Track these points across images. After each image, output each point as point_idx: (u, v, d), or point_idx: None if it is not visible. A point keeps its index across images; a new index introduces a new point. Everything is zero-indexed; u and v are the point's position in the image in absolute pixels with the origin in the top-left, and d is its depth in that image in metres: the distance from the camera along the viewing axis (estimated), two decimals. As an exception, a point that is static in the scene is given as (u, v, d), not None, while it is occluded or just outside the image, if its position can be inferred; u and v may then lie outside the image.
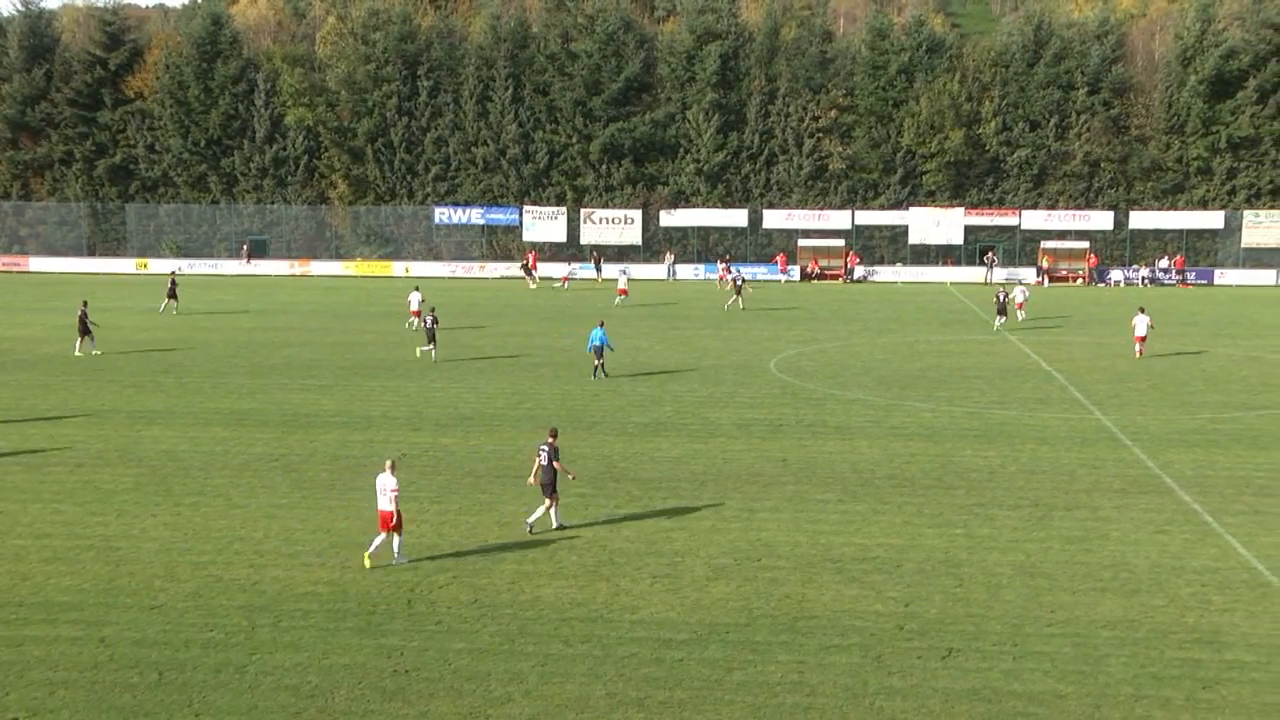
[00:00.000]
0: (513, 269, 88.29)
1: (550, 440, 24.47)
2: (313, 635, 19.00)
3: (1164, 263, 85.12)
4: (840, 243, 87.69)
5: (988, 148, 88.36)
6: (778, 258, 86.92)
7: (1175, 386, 41.34)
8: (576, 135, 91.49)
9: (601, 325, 43.59)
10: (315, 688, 17.17)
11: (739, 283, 66.68)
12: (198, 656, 18.22)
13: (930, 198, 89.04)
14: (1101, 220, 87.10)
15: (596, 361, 42.69)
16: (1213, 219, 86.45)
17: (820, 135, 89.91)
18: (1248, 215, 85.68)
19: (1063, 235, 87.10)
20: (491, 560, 22.59)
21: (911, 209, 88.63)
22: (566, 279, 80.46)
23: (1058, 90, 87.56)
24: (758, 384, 41.60)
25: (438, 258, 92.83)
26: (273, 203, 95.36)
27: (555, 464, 24.18)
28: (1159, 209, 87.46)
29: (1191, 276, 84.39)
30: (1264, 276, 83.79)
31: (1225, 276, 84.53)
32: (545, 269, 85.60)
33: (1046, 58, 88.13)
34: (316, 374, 43.20)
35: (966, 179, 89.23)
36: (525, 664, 18.01)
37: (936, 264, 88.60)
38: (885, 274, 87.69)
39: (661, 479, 28.04)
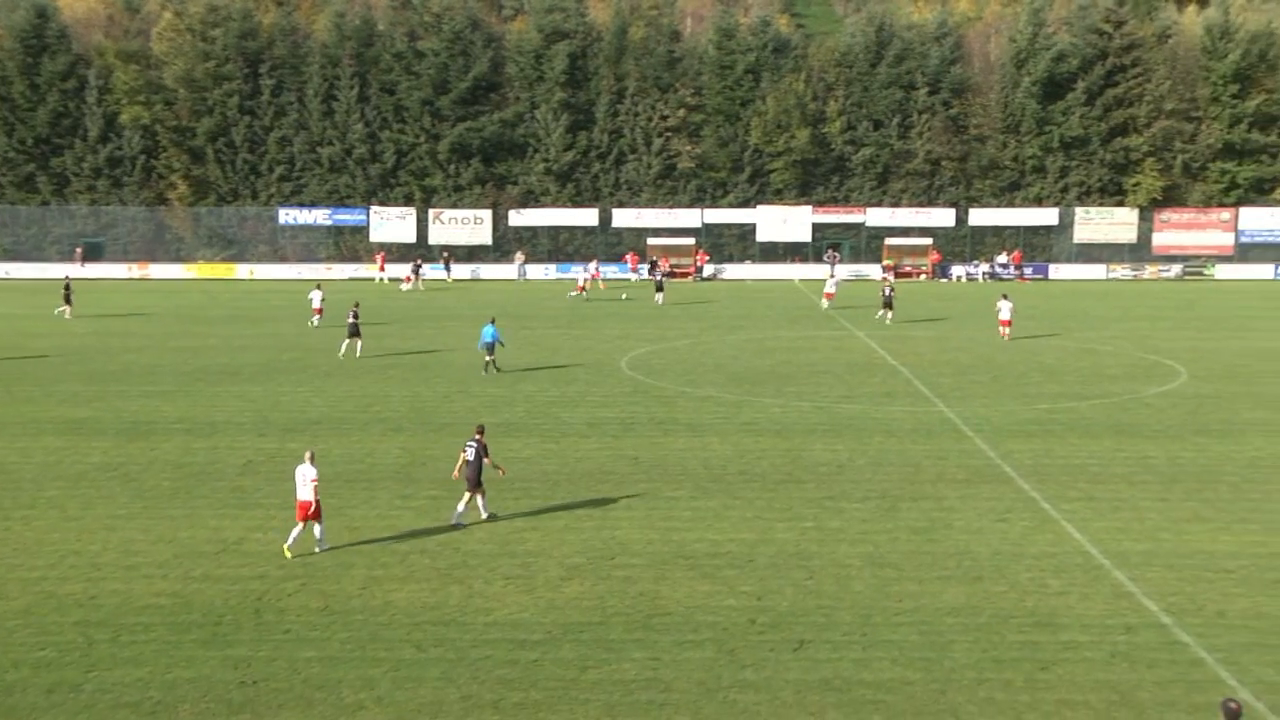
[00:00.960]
0: (361, 270, 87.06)
1: (477, 436, 24.83)
2: (154, 649, 18.43)
3: (1002, 258, 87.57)
4: (690, 241, 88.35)
5: (833, 146, 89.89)
6: (628, 256, 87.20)
7: (1014, 379, 42.54)
8: (424, 135, 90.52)
9: (493, 322, 43.86)
10: (157, 703, 16.66)
11: (660, 281, 69.46)
12: (28, 677, 17.53)
13: (778, 196, 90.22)
14: (943, 217, 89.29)
15: (488, 358, 43.12)
16: (1047, 216, 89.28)
17: (669, 134, 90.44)
18: (1079, 212, 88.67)
19: (906, 232, 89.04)
20: (341, 566, 22.20)
21: (760, 207, 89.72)
22: (410, 279, 79.25)
23: (900, 90, 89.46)
24: (609, 383, 41.67)
25: (283, 259, 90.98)
26: (108, 204, 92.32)
27: (486, 459, 24.68)
28: (997, 206, 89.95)
29: (1029, 271, 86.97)
30: (1095, 271, 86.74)
31: (1059, 271, 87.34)
32: (394, 270, 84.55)
33: (888, 58, 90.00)
34: (157, 380, 41.98)
35: (813, 177, 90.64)
36: (377, 670, 17.74)
37: (785, 261, 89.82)
38: (734, 272, 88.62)
39: (514, 479, 27.89)
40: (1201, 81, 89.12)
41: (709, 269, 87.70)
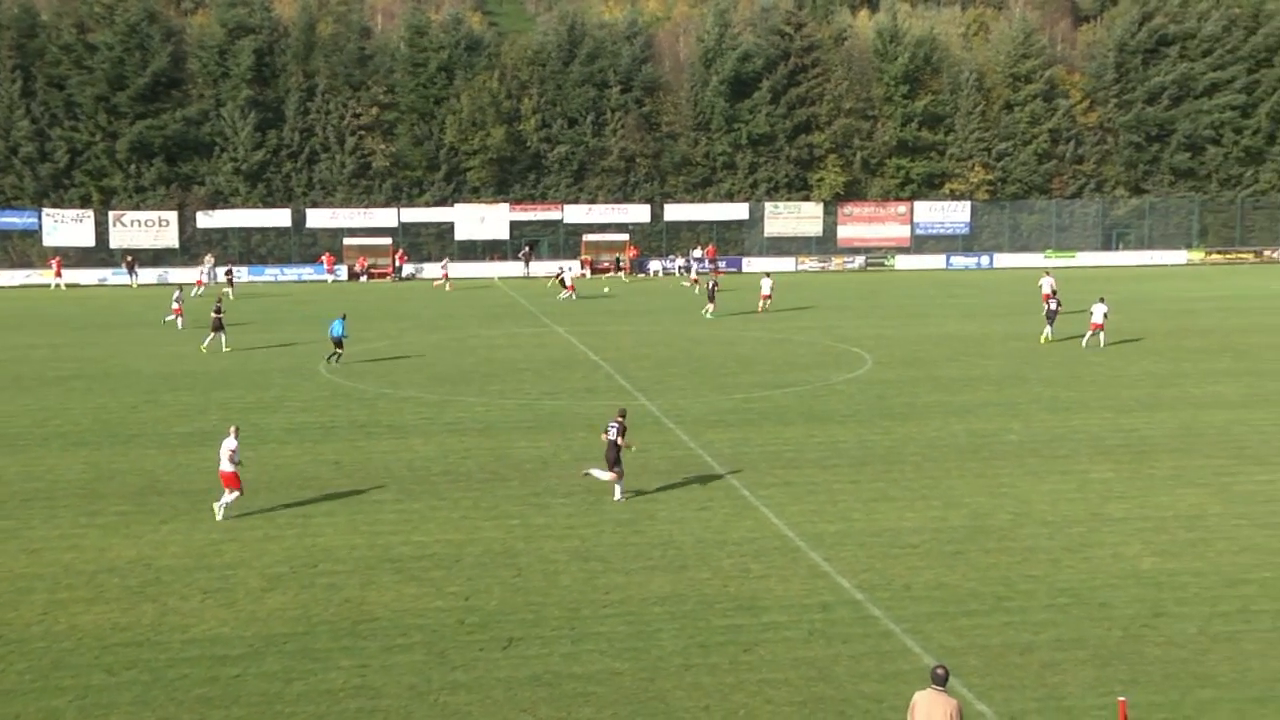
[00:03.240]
0: (34, 276, 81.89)
1: (620, 419, 26.34)
2: None
3: (697, 252, 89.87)
4: (387, 241, 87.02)
5: (529, 144, 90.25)
6: (324, 257, 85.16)
7: (712, 370, 43.73)
8: (101, 133, 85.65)
9: (343, 317, 45.53)
10: None
11: (564, 279, 69.88)
12: None
13: (475, 194, 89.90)
14: (639, 213, 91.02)
15: (336, 351, 44.79)
16: (738, 210, 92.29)
17: (363, 133, 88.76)
18: (768, 207, 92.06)
19: (604, 228, 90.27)
20: (19, 591, 20.79)
21: (457, 205, 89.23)
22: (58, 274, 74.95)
23: (593, 88, 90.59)
24: (308, 387, 40.60)
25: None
26: None
27: (619, 440, 25.91)
28: (691, 202, 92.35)
29: (723, 265, 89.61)
30: (785, 263, 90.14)
31: (752, 264, 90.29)
32: (71, 275, 79.93)
33: (581, 57, 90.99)
34: None
35: (510, 175, 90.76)
36: (62, 700, 16.68)
37: (484, 259, 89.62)
38: (433, 271, 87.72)
39: (209, 490, 26.76)
40: (876, 82, 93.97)
41: (408, 268, 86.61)
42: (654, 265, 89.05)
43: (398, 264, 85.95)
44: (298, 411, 36.35)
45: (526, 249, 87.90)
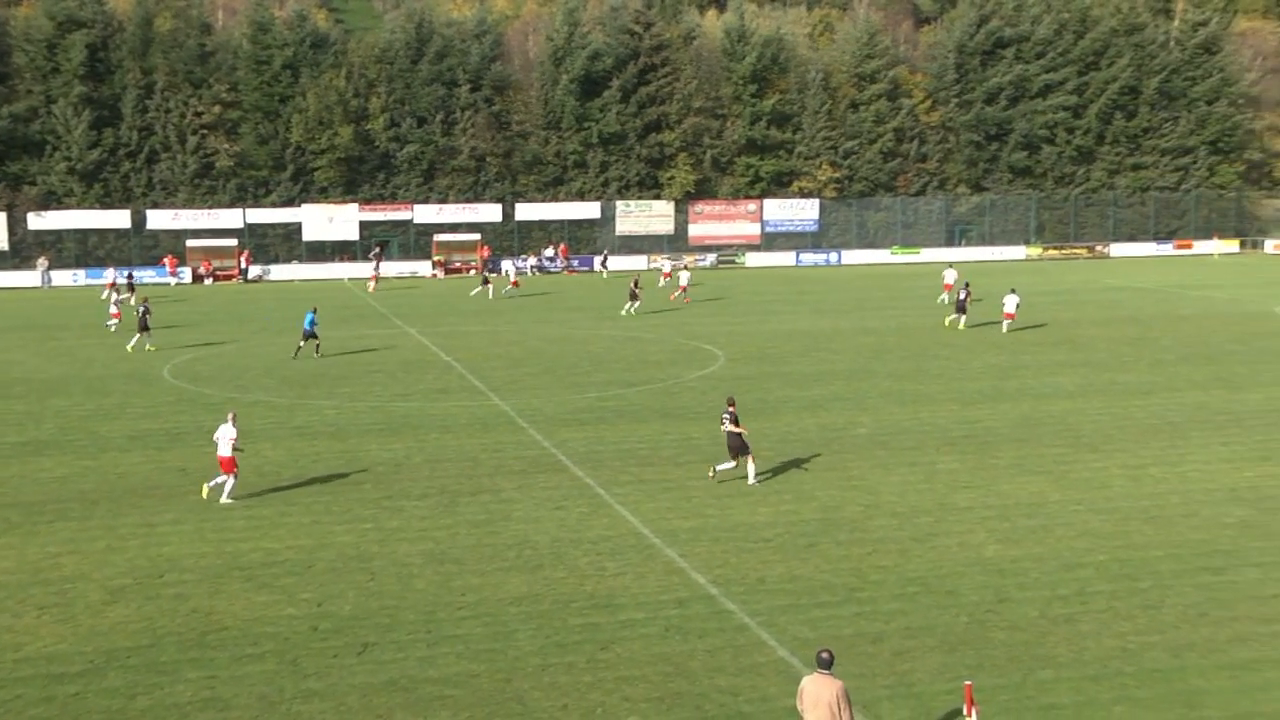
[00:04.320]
0: None
1: (730, 409, 27.27)
2: None
3: (549, 251, 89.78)
4: (233, 242, 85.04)
5: (378, 144, 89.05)
6: (166, 260, 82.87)
7: (565, 369, 43.70)
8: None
9: (314, 311, 47.37)
10: None
11: (485, 275, 71.05)
12: None
13: (323, 194, 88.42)
14: (490, 213, 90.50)
15: (305, 343, 46.32)
16: (590, 209, 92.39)
17: (205, 131, 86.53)
18: (620, 205, 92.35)
19: (455, 228, 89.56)
20: None
21: (304, 206, 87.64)
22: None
23: (442, 87, 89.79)
24: (151, 393, 39.48)
25: None
26: None
27: (735, 428, 26.97)
28: (542, 201, 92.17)
29: (575, 264, 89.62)
30: (637, 262, 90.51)
31: (614, 262, 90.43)
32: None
33: (429, 55, 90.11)
34: None
35: (359, 175, 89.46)
36: (-111, 725, 15.96)
37: (333, 260, 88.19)
38: (281, 272, 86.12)
39: (46, 501, 25.87)
40: (725, 81, 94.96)
41: (254, 270, 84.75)
42: (505, 265, 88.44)
43: (244, 266, 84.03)
44: (140, 418, 35.32)
45: (377, 250, 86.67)
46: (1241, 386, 39.00)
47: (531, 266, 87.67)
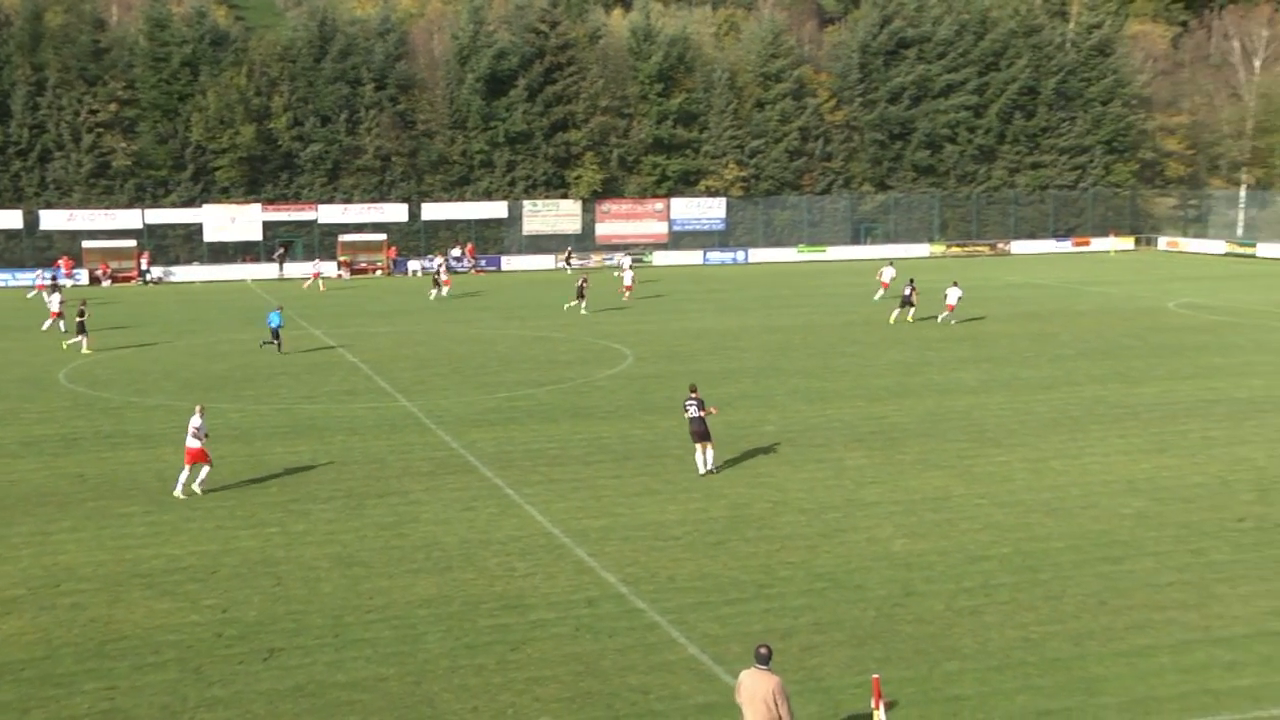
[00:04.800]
0: None
1: (694, 395, 28.07)
2: None
3: (456, 251, 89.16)
4: (132, 243, 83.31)
5: (281, 143, 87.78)
6: (61, 261, 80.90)
7: (474, 369, 43.46)
8: None
9: (279, 309, 48.54)
10: None
11: (438, 274, 70.06)
12: None
13: (225, 194, 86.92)
14: (396, 212, 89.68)
15: (273, 340, 47.16)
16: (497, 209, 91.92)
17: (101, 130, 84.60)
18: (526, 205, 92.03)
19: (360, 228, 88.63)
20: None
21: (206, 206, 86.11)
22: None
23: (346, 86, 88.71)
24: (46, 397, 38.58)
25: None
26: None
27: (702, 411, 27.79)
28: (449, 200, 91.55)
29: (483, 263, 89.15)
30: (545, 261, 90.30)
31: (512, 262, 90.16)
32: None
33: (333, 53, 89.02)
34: None
35: (261, 174, 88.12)
36: None
37: (236, 262, 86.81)
38: (183, 274, 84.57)
39: (-63, 510, 25.17)
40: (631, 80, 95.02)
41: (155, 271, 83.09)
42: (413, 265, 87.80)
43: (143, 267, 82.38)
44: (35, 423, 34.51)
45: (281, 250, 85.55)
46: (1138, 380, 39.88)
47: (439, 266, 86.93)
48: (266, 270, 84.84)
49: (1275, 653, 17.91)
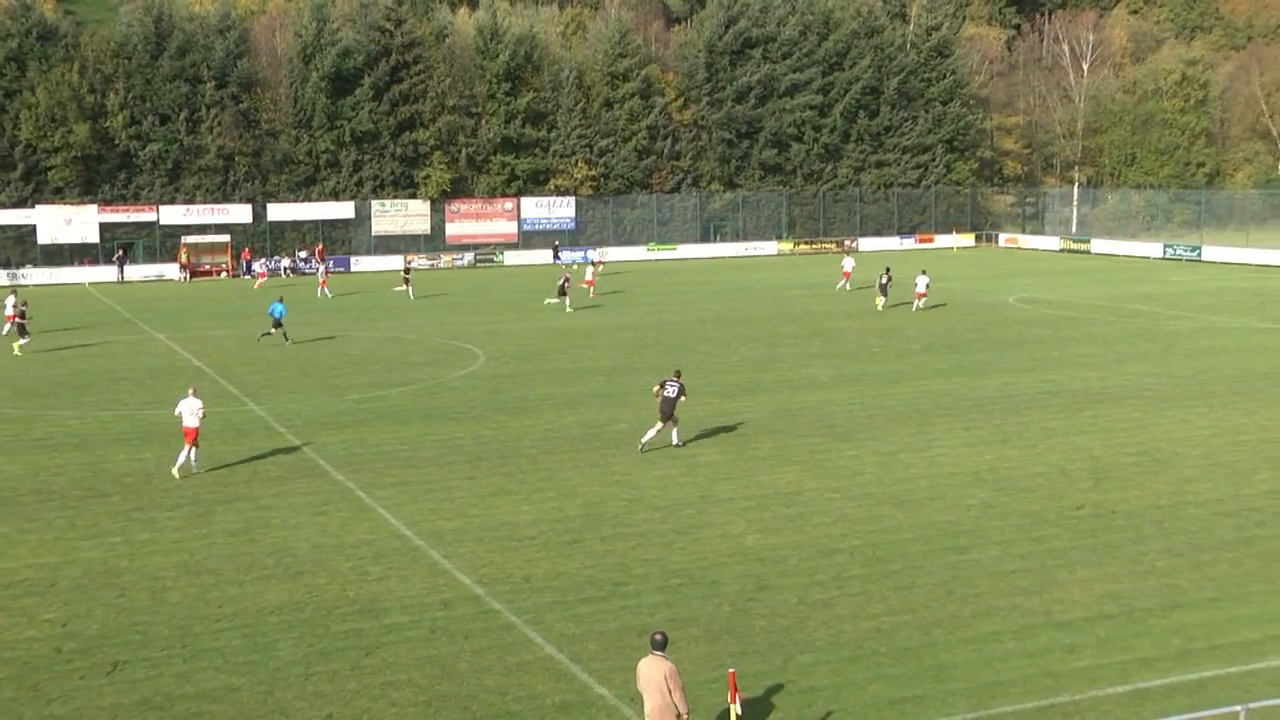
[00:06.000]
0: None
1: (677, 378, 29.83)
2: None
3: (304, 253, 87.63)
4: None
5: (118, 142, 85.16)
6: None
7: (323, 371, 42.77)
8: None
9: (281, 300, 49.41)
10: None
11: (405, 275, 69.59)
12: None
13: (59, 195, 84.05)
14: (241, 213, 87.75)
15: (272, 331, 48.43)
16: (344, 209, 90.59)
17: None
18: (375, 205, 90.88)
19: (204, 229, 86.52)
20: None
21: (39, 207, 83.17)
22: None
23: (185, 84, 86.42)
24: None
25: None
26: None
27: (681, 397, 29.63)
28: (295, 201, 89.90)
29: (330, 264, 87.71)
30: (394, 262, 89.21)
31: (360, 263, 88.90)
32: None
33: (171, 50, 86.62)
34: None
35: (98, 174, 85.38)
36: None
37: (73, 264, 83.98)
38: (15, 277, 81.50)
39: None
40: (479, 80, 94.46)
41: (-15, 275, 79.96)
42: (258, 267, 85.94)
43: (-28, 271, 79.23)
44: None
45: (120, 253, 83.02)
46: (981, 373, 41.03)
47: (285, 268, 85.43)
48: (105, 273, 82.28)
49: (1111, 635, 18.59)
